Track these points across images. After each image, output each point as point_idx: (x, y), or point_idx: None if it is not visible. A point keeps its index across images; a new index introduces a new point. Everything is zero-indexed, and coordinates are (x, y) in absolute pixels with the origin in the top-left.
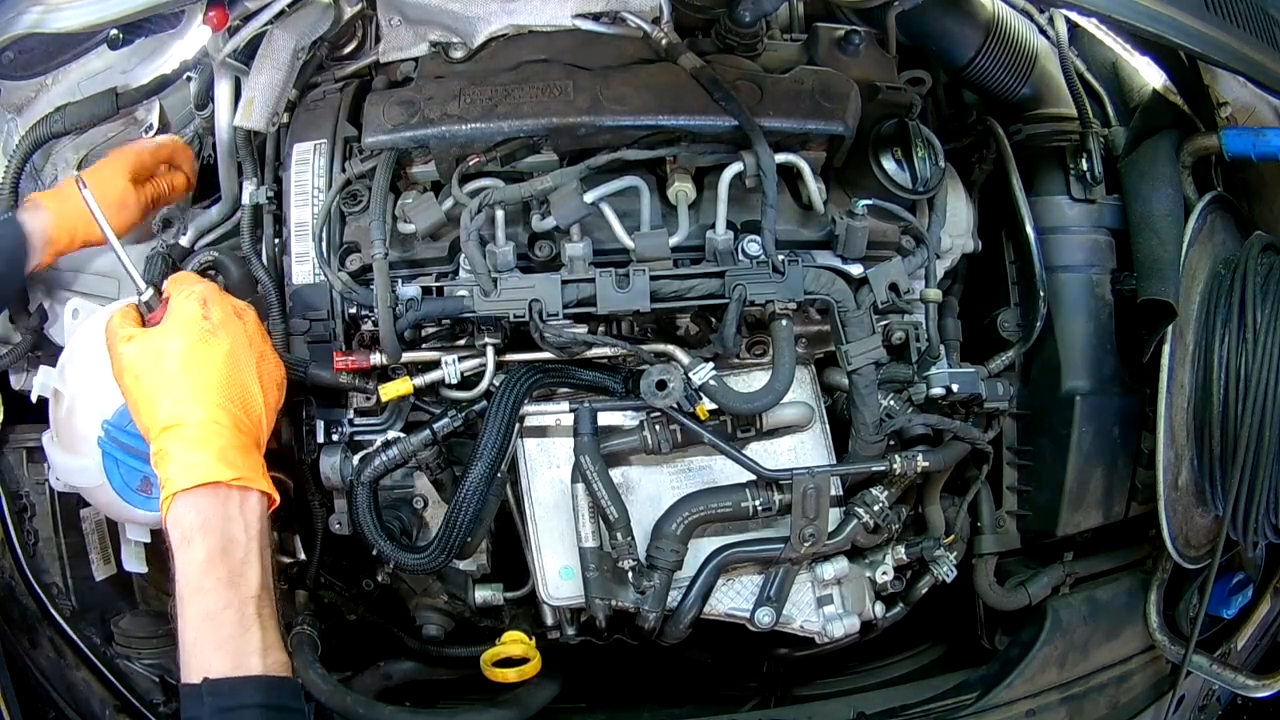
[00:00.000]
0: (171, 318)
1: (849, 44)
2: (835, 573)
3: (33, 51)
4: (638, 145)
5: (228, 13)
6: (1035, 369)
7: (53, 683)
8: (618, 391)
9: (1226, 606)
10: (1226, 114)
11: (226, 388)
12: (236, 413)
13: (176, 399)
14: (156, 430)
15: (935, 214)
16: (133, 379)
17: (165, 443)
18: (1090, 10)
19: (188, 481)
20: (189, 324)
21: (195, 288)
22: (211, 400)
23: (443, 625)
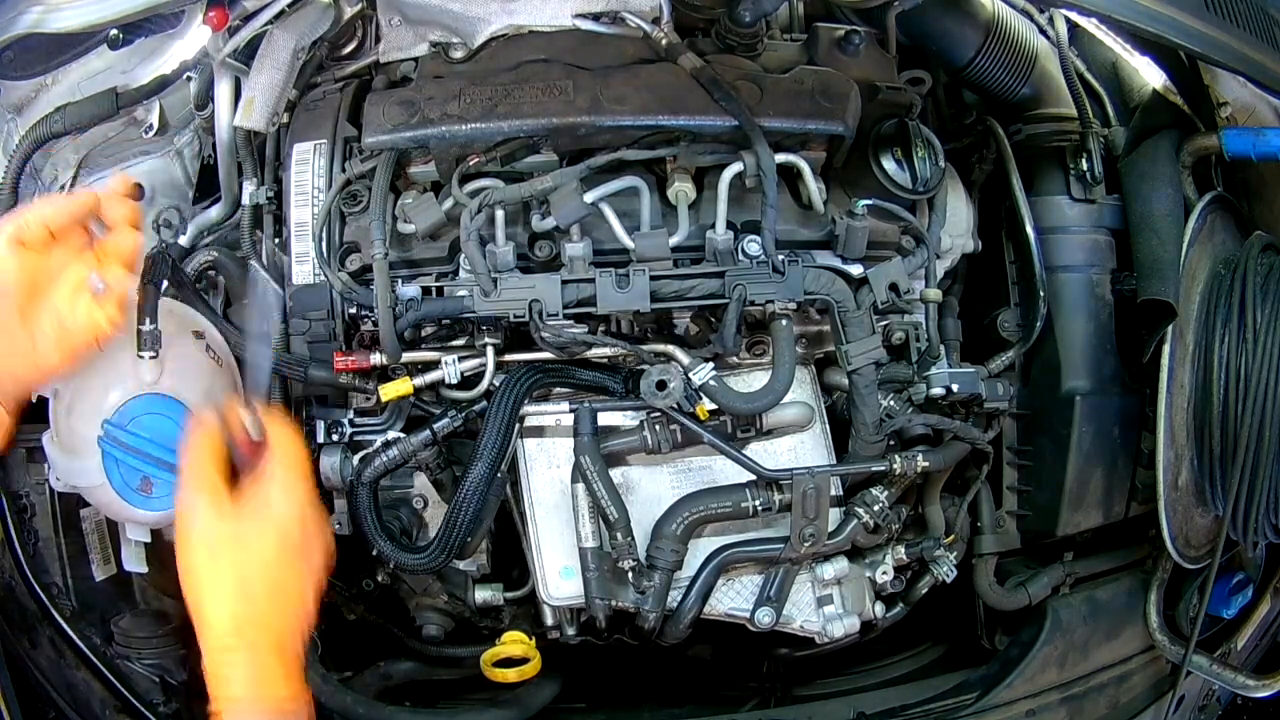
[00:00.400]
0: (268, 515)
1: (849, 44)
2: (835, 573)
3: (33, 51)
4: (638, 145)
5: (228, 13)
6: (1035, 369)
7: (53, 683)
8: (618, 391)
9: (1226, 606)
10: (1226, 114)
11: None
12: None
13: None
14: (224, 637)
15: (935, 214)
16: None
17: (230, 655)
18: (1090, 10)
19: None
20: (287, 530)
21: (295, 466)
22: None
23: (443, 625)
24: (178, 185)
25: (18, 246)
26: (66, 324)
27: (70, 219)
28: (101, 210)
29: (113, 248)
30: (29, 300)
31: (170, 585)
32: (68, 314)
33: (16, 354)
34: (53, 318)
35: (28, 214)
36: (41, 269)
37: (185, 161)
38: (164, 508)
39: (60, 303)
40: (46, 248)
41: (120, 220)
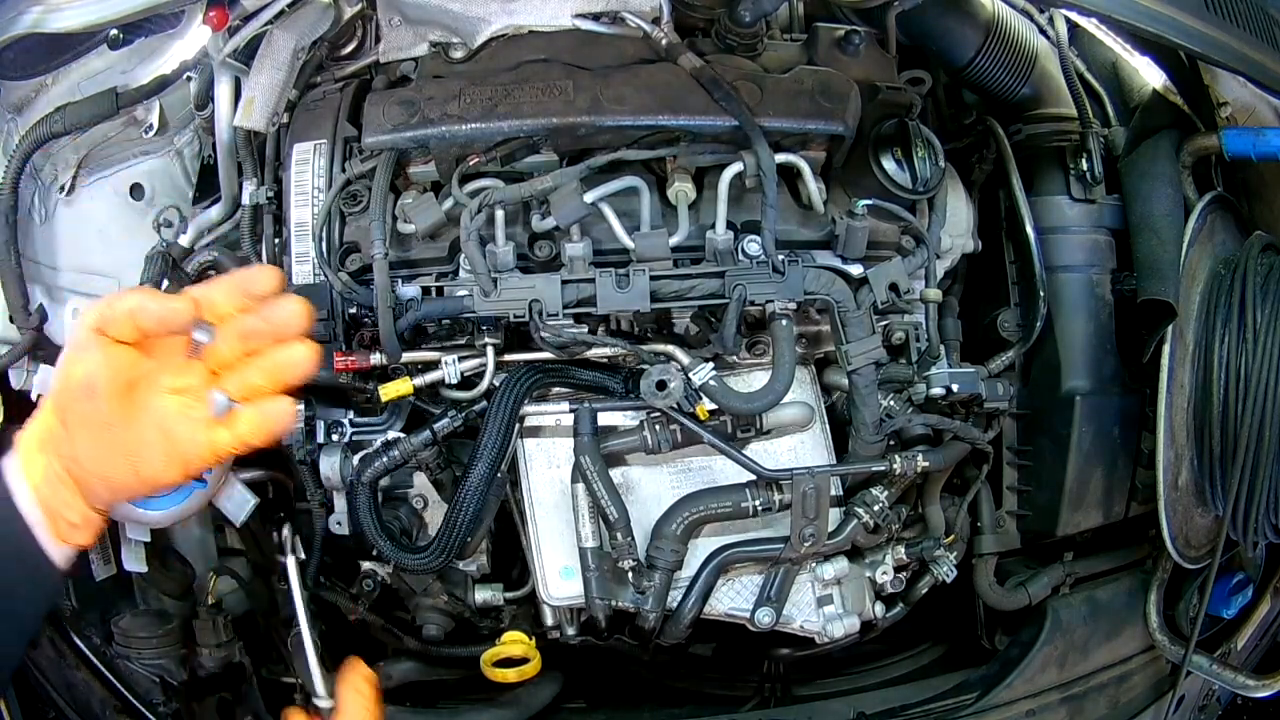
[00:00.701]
0: None
1: (849, 44)
2: (835, 573)
3: (33, 51)
4: (638, 145)
5: (228, 13)
6: (1035, 369)
7: (53, 683)
8: (618, 391)
9: (1226, 606)
10: (1226, 114)
11: None
12: None
13: None
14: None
15: (935, 214)
16: None
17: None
18: (1090, 10)
19: None
20: None
21: None
22: None
23: (443, 625)
24: (178, 185)
25: (101, 339)
26: (177, 442)
27: (160, 325)
28: (250, 300)
29: (272, 363)
30: (124, 402)
31: (170, 585)
32: (179, 431)
33: (117, 459)
34: (157, 428)
35: (116, 304)
36: (136, 366)
37: (185, 161)
38: (165, 507)
39: (166, 415)
40: (139, 344)
41: (284, 322)
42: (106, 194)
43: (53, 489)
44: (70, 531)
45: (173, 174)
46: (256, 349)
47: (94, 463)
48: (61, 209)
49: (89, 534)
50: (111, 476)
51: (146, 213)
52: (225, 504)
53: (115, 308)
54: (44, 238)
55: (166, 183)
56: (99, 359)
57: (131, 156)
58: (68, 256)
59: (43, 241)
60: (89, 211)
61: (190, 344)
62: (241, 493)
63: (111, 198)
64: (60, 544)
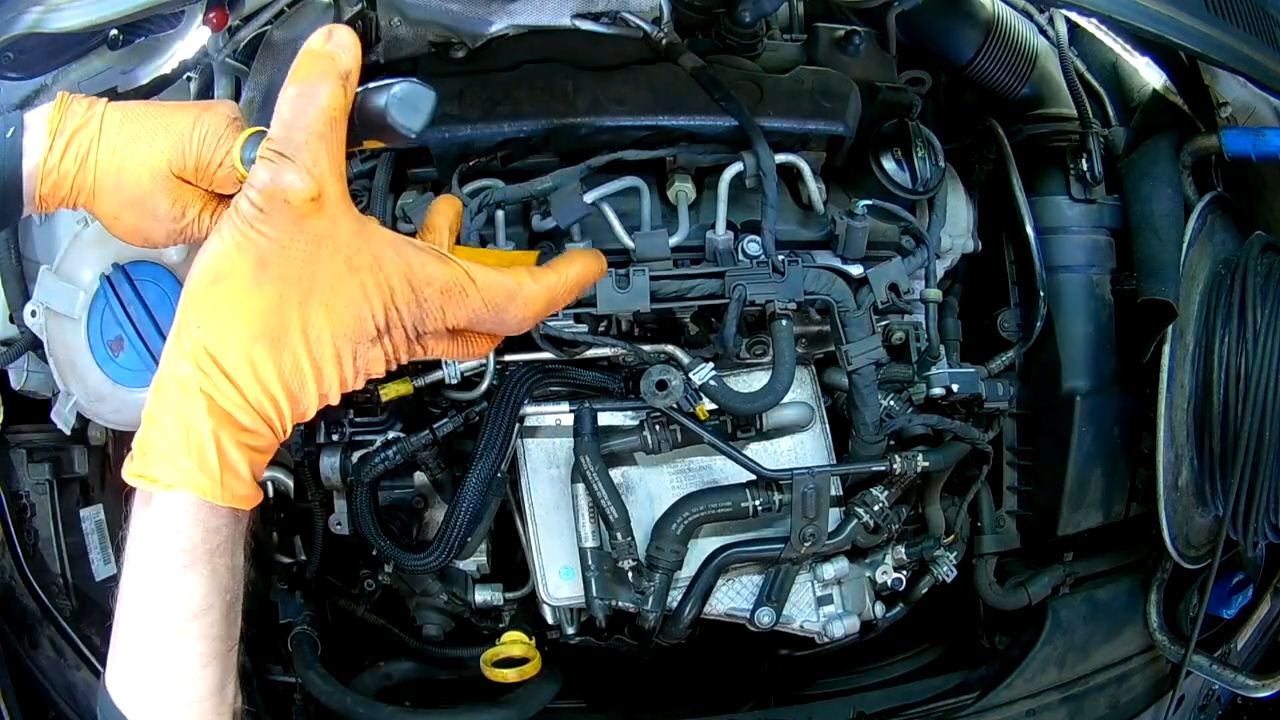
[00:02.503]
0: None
1: (849, 44)
2: (835, 573)
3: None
4: (638, 145)
5: (228, 13)
6: (1035, 369)
7: (53, 683)
8: (618, 391)
9: (1226, 606)
10: (1226, 114)
11: None
12: None
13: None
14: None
15: (935, 214)
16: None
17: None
18: (1090, 10)
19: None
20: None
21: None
22: None
23: (443, 625)
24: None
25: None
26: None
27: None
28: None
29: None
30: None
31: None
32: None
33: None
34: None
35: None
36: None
37: None
38: (119, 380)
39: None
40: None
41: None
42: None
43: None
44: None
45: None
46: None
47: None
48: (61, 209)
49: None
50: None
51: None
52: None
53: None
54: (44, 238)
55: None
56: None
57: None
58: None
59: (43, 241)
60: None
61: None
62: None
63: None
64: None
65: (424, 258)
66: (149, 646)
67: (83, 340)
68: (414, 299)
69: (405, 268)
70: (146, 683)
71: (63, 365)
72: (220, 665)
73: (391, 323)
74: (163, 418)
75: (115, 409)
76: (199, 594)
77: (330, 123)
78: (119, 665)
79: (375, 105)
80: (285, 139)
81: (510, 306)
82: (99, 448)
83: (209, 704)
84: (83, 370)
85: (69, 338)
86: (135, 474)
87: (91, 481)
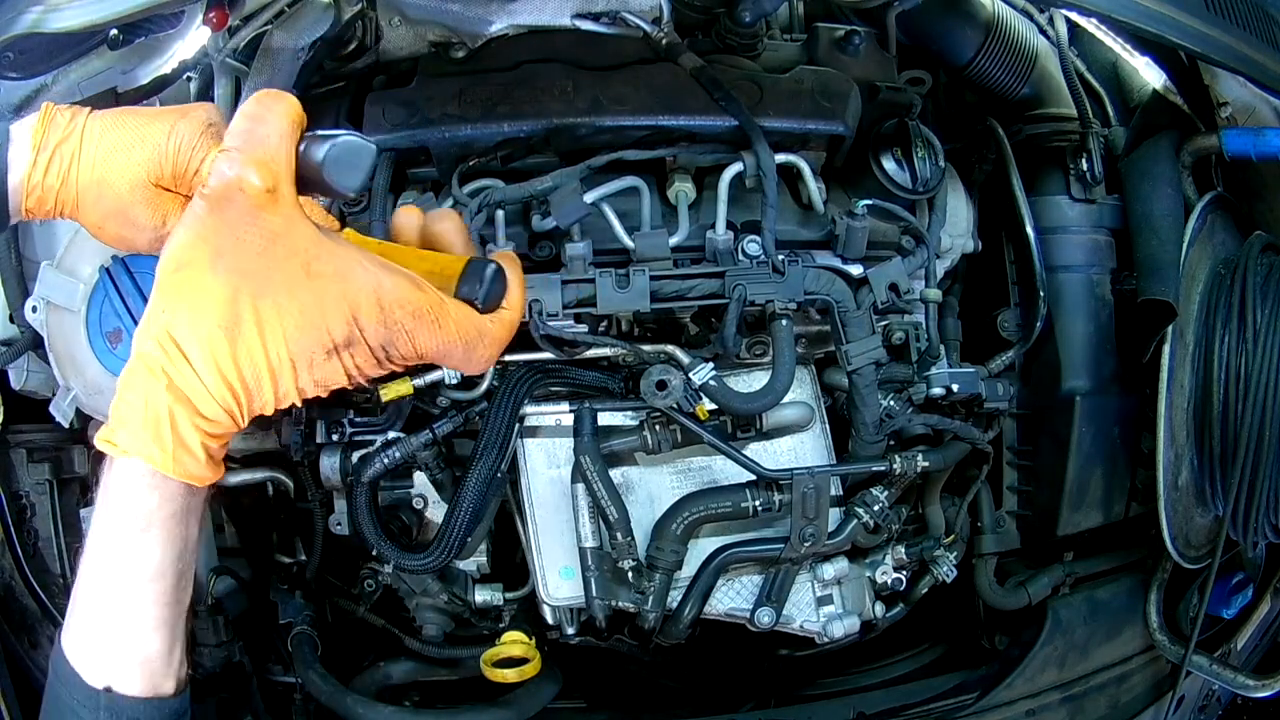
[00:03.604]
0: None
1: (849, 44)
2: (835, 573)
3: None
4: (638, 145)
5: (228, 13)
6: (1035, 369)
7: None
8: (618, 391)
9: (1226, 606)
10: (1226, 114)
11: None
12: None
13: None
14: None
15: (935, 214)
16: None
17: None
18: (1090, 10)
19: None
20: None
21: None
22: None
23: (443, 625)
24: None
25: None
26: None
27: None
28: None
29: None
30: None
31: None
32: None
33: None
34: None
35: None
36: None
37: None
38: (117, 372)
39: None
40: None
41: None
42: None
43: None
44: None
45: None
46: None
47: None
48: None
49: None
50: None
51: None
52: None
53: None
54: (44, 237)
55: None
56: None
57: None
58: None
59: (43, 241)
60: None
61: None
62: None
63: None
64: None
65: (397, 279)
66: (105, 604)
67: (82, 333)
68: (382, 319)
69: (375, 285)
70: (99, 638)
71: (62, 358)
72: (169, 631)
73: (354, 339)
74: (127, 391)
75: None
76: (155, 557)
77: (290, 124)
78: (74, 620)
79: (313, 159)
80: (245, 132)
81: (479, 345)
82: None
83: (157, 665)
84: (82, 363)
85: (68, 330)
86: (101, 439)
87: (91, 481)
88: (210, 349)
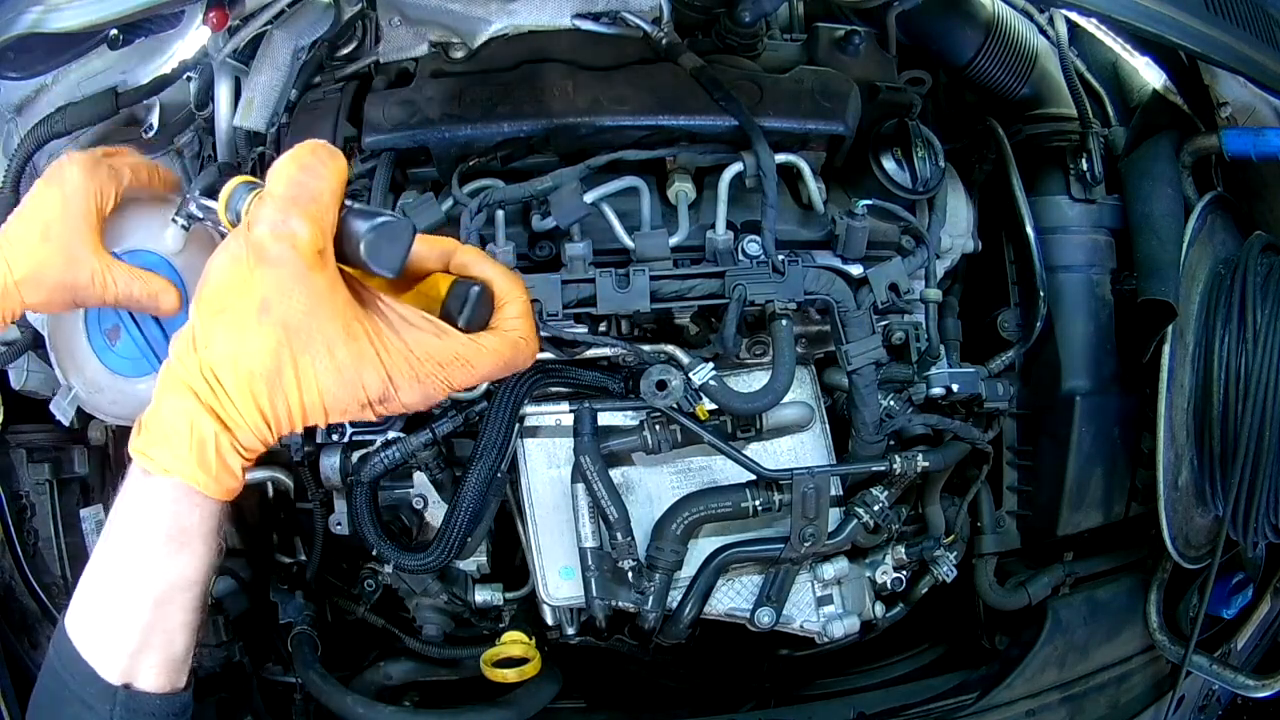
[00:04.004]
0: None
1: (849, 44)
2: (835, 573)
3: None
4: (637, 145)
5: (228, 13)
6: (1035, 369)
7: None
8: (618, 391)
9: (1226, 606)
10: (1226, 114)
11: None
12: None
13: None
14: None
15: (935, 214)
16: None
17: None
18: (1090, 10)
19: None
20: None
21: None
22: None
23: (443, 625)
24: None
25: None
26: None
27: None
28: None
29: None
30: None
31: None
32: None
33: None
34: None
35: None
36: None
37: (185, 161)
38: (117, 369)
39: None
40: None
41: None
42: None
43: None
44: None
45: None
46: None
47: None
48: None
49: None
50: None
51: None
52: None
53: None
54: None
55: None
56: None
57: None
58: None
59: None
60: None
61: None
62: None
63: None
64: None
65: (422, 337)
66: (133, 610)
67: (81, 330)
68: (414, 375)
69: (403, 349)
70: (122, 639)
71: (62, 356)
72: (193, 632)
73: (388, 396)
74: (169, 410)
75: (113, 399)
76: (191, 568)
77: (341, 185)
78: (89, 617)
79: (352, 233)
80: (298, 183)
81: (517, 359)
82: (99, 448)
83: (178, 663)
84: (81, 360)
85: (68, 328)
86: (140, 451)
87: (91, 481)
88: (250, 391)
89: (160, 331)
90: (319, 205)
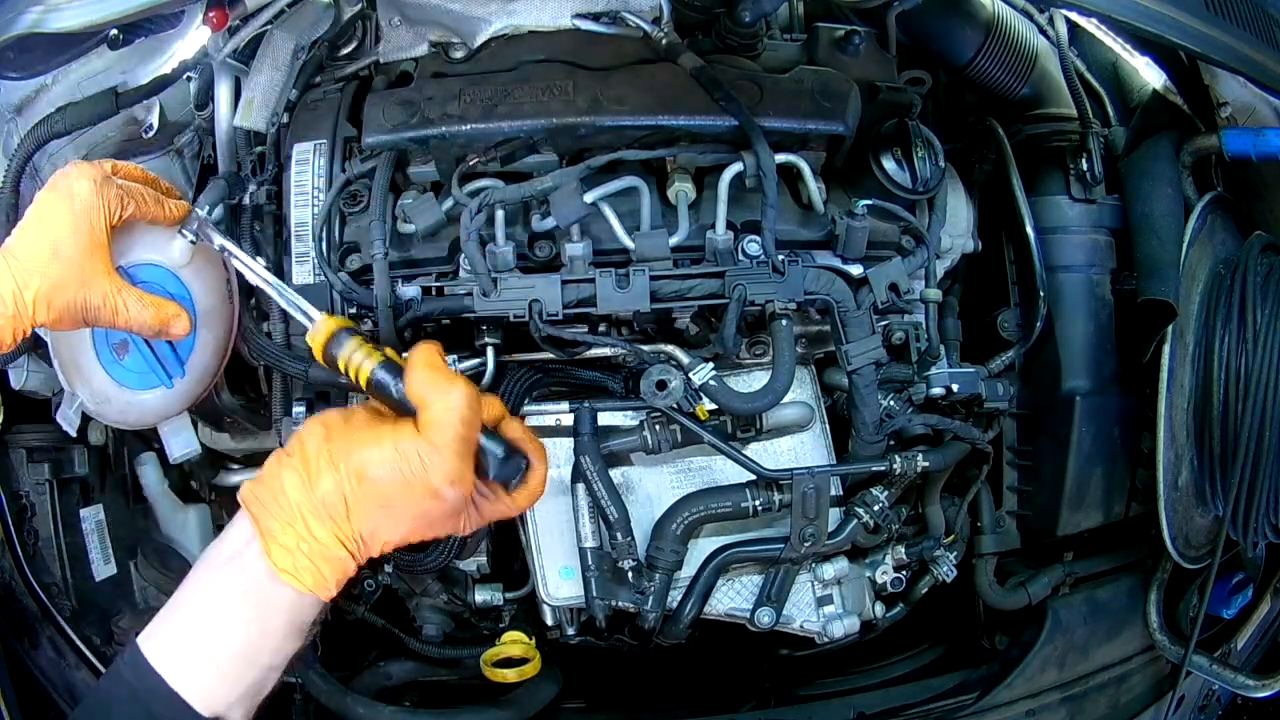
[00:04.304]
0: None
1: (849, 44)
2: (835, 573)
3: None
4: (638, 145)
5: (228, 13)
6: (1035, 369)
7: (53, 683)
8: (618, 391)
9: (1226, 606)
10: (1226, 114)
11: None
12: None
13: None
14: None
15: (935, 214)
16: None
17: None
18: (1090, 10)
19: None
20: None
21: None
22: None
23: (443, 625)
24: (178, 185)
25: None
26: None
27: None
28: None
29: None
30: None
31: (170, 585)
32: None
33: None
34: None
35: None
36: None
37: (185, 161)
38: (125, 382)
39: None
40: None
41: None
42: None
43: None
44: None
45: (173, 174)
46: None
47: None
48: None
49: None
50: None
51: None
52: (169, 435)
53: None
54: None
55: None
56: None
57: (131, 156)
58: None
59: None
60: None
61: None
62: (188, 431)
63: None
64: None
65: (494, 510)
66: (241, 663)
67: (88, 342)
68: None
69: (477, 519)
70: (226, 681)
71: (68, 367)
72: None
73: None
74: (318, 550)
75: (120, 410)
76: (296, 645)
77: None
78: (188, 654)
79: (481, 458)
80: (467, 443)
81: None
82: (99, 448)
83: (263, 698)
84: (88, 373)
85: (74, 338)
86: (287, 573)
87: (91, 481)
88: (381, 549)
89: (169, 348)
90: (467, 466)
